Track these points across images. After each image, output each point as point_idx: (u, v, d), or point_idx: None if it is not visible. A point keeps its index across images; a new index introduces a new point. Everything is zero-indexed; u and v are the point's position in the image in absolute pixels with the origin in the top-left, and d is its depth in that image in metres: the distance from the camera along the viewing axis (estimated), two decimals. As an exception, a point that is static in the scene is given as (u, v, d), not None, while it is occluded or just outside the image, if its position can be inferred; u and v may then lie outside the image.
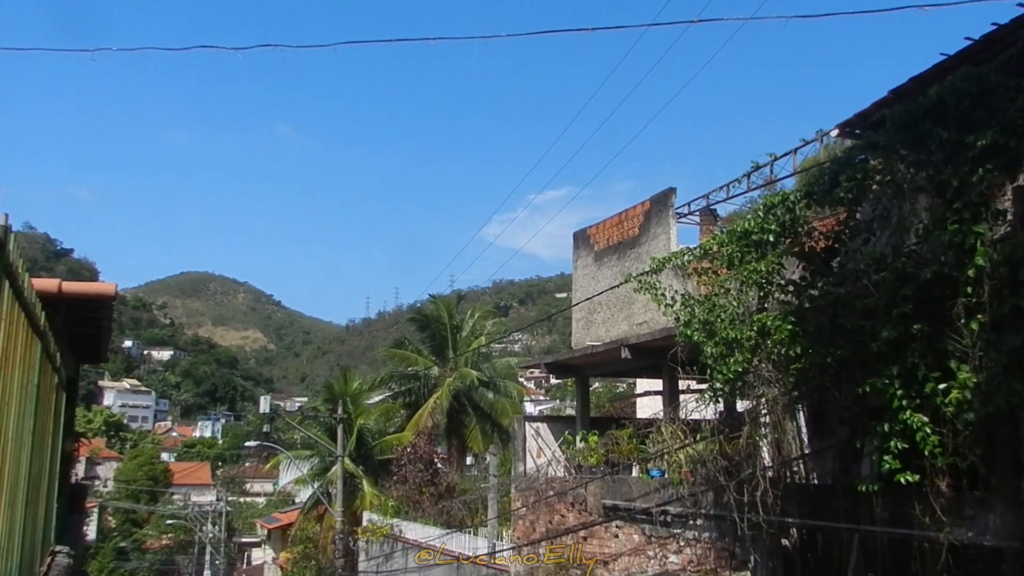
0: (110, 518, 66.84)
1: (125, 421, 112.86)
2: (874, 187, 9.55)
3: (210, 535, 59.32)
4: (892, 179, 9.20)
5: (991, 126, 7.95)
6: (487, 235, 34.49)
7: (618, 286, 15.51)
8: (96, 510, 55.89)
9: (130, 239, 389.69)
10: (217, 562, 57.02)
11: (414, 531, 26.16)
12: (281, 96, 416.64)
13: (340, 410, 32.80)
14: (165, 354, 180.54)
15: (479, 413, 37.19)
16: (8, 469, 3.93)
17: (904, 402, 8.21)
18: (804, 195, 10.34)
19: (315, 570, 35.21)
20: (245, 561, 64.88)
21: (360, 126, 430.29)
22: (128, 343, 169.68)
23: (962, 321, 7.92)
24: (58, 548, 7.08)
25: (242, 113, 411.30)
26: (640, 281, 12.90)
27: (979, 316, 7.76)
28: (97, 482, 70.27)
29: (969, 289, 7.84)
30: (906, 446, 8.26)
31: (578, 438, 17.86)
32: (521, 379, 45.69)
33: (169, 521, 66.22)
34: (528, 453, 19.18)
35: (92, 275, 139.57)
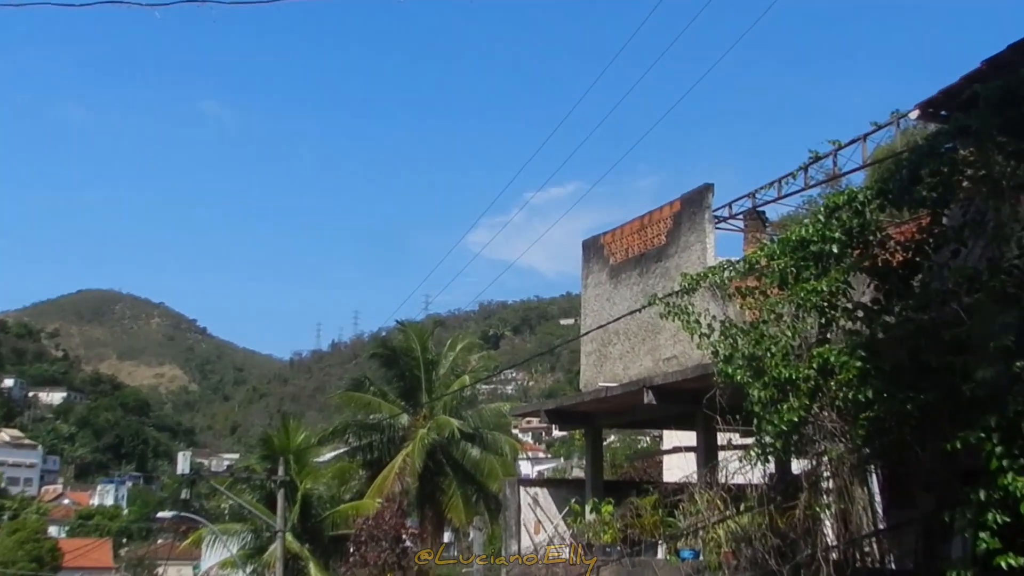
0: (-19, 611, 66.31)
1: (3, 484, 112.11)
2: (965, 184, 9.57)
3: (112, 633, 58.87)
4: (987, 174, 9.23)
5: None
6: (472, 244, 34.70)
7: (640, 310, 15.48)
8: (-37, 601, 55.42)
9: (11, 248, 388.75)
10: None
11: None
12: (208, 65, 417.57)
13: (281, 471, 32.64)
14: (56, 396, 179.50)
15: (460, 475, 37.03)
16: None
17: (1005, 462, 8.16)
18: (876, 194, 10.37)
19: None
20: (157, 667, 64.41)
21: (308, 104, 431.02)
22: (8, 382, 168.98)
23: (1081, 356, 7.91)
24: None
25: (158, 87, 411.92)
26: (668, 304, 12.82)
27: (1102, 350, 7.74)
28: (-35, 564, 69.76)
29: (1090, 315, 7.84)
30: (1008, 520, 8.21)
31: (588, 508, 17.77)
32: (515, 430, 45.62)
33: (58, 616, 65.75)
34: (523, 527, 19.09)
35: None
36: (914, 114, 12.25)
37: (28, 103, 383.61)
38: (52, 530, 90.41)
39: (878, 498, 11.89)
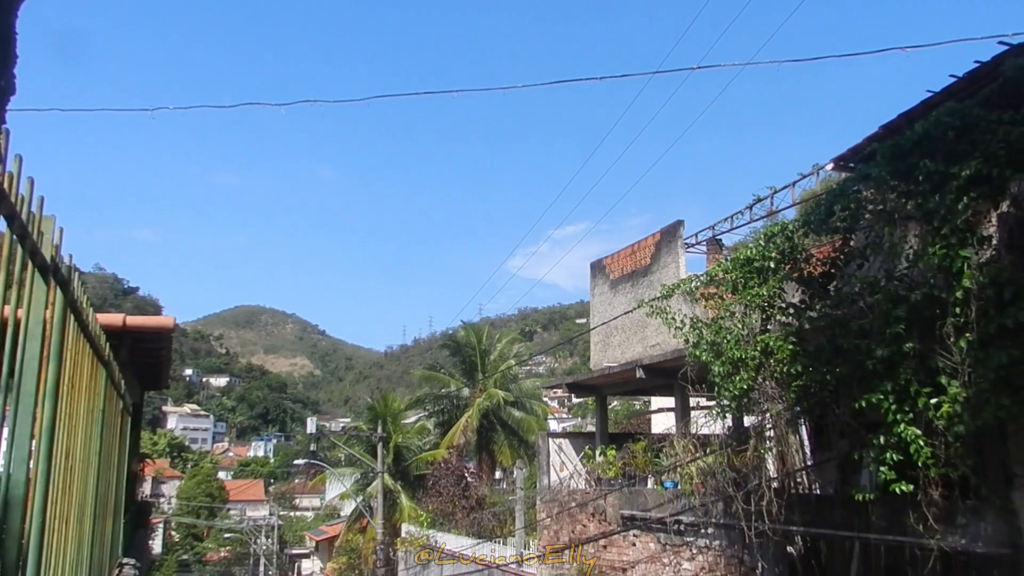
0: (174, 533, 66.99)
1: (186, 443, 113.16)
2: (867, 216, 9.51)
3: (264, 547, 59.36)
4: (883, 208, 9.16)
5: (974, 157, 7.91)
6: (511, 267, 35.39)
7: (632, 311, 15.49)
8: (161, 525, 56.09)
9: (189, 276, 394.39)
10: (271, 573, 56.97)
11: (448, 541, 26.01)
12: (322, 141, 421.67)
13: (380, 429, 32.82)
14: (222, 381, 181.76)
15: (507, 430, 37.01)
16: (76, 487, 3.99)
17: (898, 416, 8.11)
18: (802, 224, 10.32)
19: (358, 579, 35.07)
20: (296, 571, 64.75)
21: (396, 167, 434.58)
22: (188, 371, 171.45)
23: (951, 340, 7.83)
24: (125, 560, 7.13)
25: (286, 158, 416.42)
26: (652, 306, 12.86)
27: (967, 335, 7.67)
28: (161, 499, 70.60)
29: (957, 310, 7.76)
30: (901, 458, 8.15)
31: (598, 452, 17.74)
32: (545, 398, 45.40)
33: (227, 535, 66.35)
34: (552, 467, 19.06)
35: (156, 310, 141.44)
36: (829, 166, 12.09)
37: (196, 173, 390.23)
38: (221, 474, 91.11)
39: (807, 443, 11.79)
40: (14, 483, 2.57)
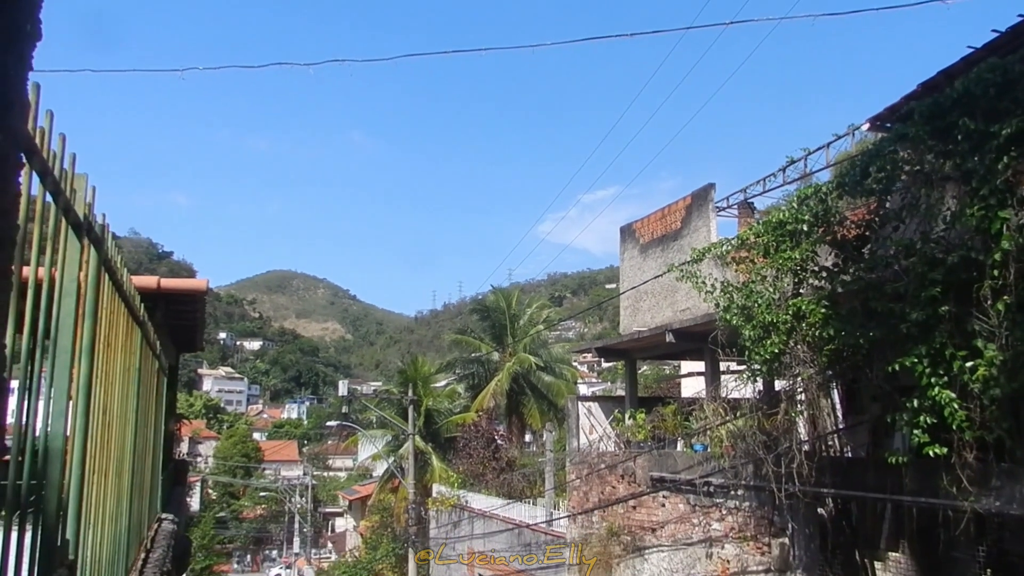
0: (211, 491, 68.77)
1: (222, 404, 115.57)
2: (903, 177, 9.30)
3: (298, 506, 60.73)
4: (920, 169, 8.95)
5: (1016, 115, 7.67)
6: (541, 232, 35.16)
7: (662, 275, 15.36)
8: (198, 484, 57.55)
9: (222, 241, 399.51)
10: (305, 530, 58.32)
11: (478, 501, 26.36)
12: (354, 106, 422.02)
13: (411, 392, 33.17)
14: (255, 344, 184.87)
15: (536, 394, 37.23)
16: (114, 443, 4.08)
17: (933, 379, 8.00)
18: (836, 186, 10.12)
19: (391, 537, 35.77)
20: (329, 529, 66.25)
21: (425, 131, 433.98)
22: (223, 335, 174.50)
23: (988, 302, 7.69)
24: (164, 516, 7.31)
25: (317, 123, 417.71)
26: (683, 270, 12.74)
27: (1005, 297, 7.52)
28: (198, 459, 72.39)
29: (995, 272, 7.60)
30: (935, 421, 8.06)
31: (627, 415, 17.77)
32: (575, 363, 45.52)
33: (262, 493, 67.93)
34: (581, 430, 19.15)
35: (190, 274, 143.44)
36: (865, 126, 11.79)
37: (228, 138, 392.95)
38: (256, 435, 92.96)
39: (838, 406, 11.71)
40: (52, 436, 2.63)
